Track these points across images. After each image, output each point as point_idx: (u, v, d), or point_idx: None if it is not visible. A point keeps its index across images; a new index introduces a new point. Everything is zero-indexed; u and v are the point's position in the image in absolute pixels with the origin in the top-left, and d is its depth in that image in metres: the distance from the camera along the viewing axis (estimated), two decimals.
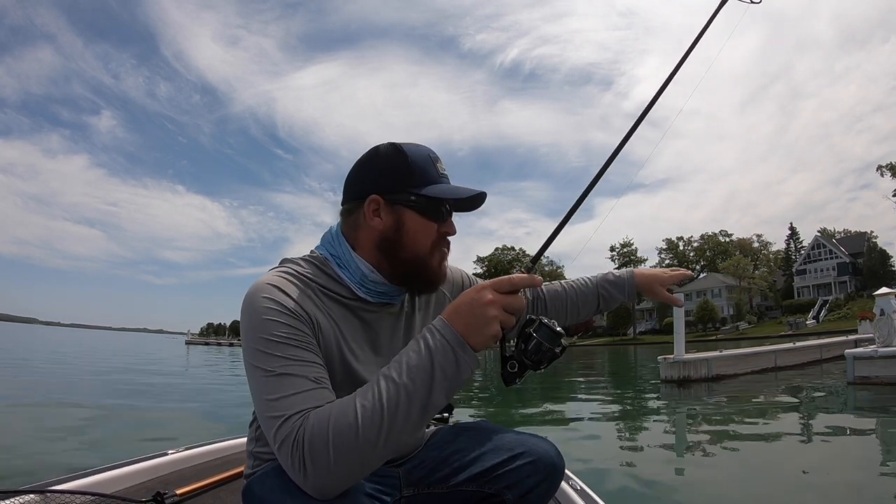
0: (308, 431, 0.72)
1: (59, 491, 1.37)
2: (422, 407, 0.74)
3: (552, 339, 0.82)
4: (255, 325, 0.83)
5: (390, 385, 0.74)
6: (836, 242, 62.14)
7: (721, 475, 4.14)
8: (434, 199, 0.95)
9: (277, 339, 0.82)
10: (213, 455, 1.95)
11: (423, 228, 0.95)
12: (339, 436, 0.71)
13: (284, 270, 0.93)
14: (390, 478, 1.04)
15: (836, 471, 4.10)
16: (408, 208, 0.94)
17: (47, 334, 73.39)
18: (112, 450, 4.63)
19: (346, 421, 0.72)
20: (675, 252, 74.90)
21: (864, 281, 54.36)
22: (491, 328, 0.76)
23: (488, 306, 0.76)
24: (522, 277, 0.79)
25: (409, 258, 0.95)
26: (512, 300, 0.78)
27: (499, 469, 1.05)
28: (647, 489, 3.71)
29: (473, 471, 1.06)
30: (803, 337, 28.46)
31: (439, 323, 0.78)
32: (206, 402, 9.14)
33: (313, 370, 0.82)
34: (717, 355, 12.51)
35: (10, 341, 34.95)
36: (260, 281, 0.90)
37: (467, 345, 0.76)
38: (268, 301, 0.85)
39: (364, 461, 0.73)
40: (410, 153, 0.96)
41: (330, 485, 0.73)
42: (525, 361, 0.83)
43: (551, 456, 1.08)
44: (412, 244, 0.95)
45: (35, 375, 12.41)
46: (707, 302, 60.79)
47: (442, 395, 0.75)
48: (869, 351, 10.02)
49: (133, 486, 1.59)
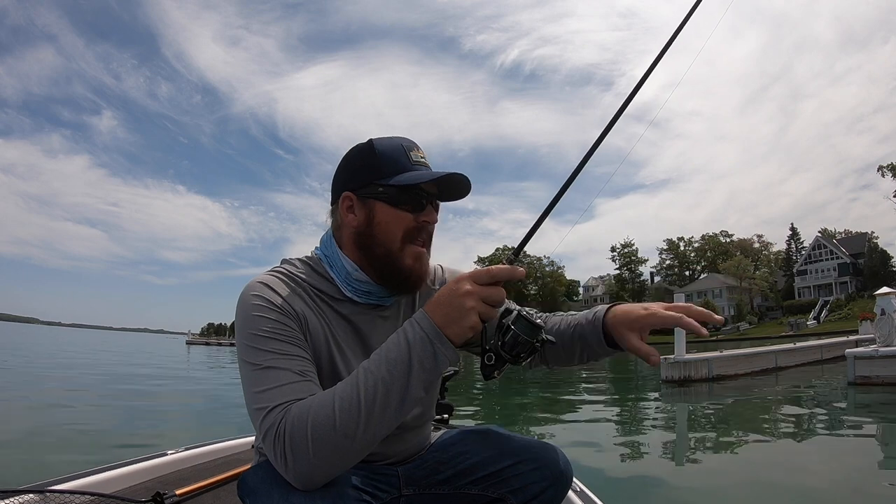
0: (289, 423, 0.73)
1: (58, 491, 1.37)
2: (400, 399, 0.75)
3: (530, 331, 0.80)
4: (244, 321, 0.85)
5: (368, 377, 0.75)
6: (836, 243, 62.11)
7: (722, 476, 4.13)
8: (405, 188, 0.93)
9: (264, 334, 0.83)
10: (213, 455, 1.95)
11: (394, 219, 0.94)
12: (317, 427, 0.72)
13: (277, 270, 0.95)
14: (388, 476, 1.03)
15: (838, 471, 4.09)
16: (378, 200, 0.94)
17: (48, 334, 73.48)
18: (112, 450, 4.63)
19: (325, 412, 0.73)
20: (675, 252, 74.86)
21: (864, 281, 54.33)
22: (469, 319, 0.76)
23: (466, 297, 0.76)
24: (502, 268, 0.78)
25: (383, 253, 0.95)
26: (491, 291, 0.77)
27: (503, 473, 1.04)
28: (647, 490, 3.70)
29: (477, 473, 1.05)
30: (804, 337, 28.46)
31: (419, 315, 0.79)
32: (207, 403, 9.15)
33: (298, 363, 0.83)
34: (717, 356, 12.51)
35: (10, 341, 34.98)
36: (252, 280, 0.92)
37: (446, 337, 0.76)
38: (256, 298, 0.87)
39: (343, 452, 0.74)
40: (379, 145, 0.95)
41: (311, 475, 0.74)
42: (502, 354, 0.80)
43: (558, 463, 1.07)
44: (383, 237, 0.94)
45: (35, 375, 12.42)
46: (708, 302, 60.69)
47: (420, 387, 0.76)
48: (870, 351, 10.02)
49: (133, 486, 1.59)
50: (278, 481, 0.76)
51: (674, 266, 75.06)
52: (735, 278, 61.69)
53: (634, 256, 70.05)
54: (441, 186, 0.97)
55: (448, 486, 1.06)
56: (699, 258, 74.05)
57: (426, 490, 1.06)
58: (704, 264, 72.99)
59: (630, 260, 69.72)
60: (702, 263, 73.66)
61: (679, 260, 74.60)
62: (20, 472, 3.74)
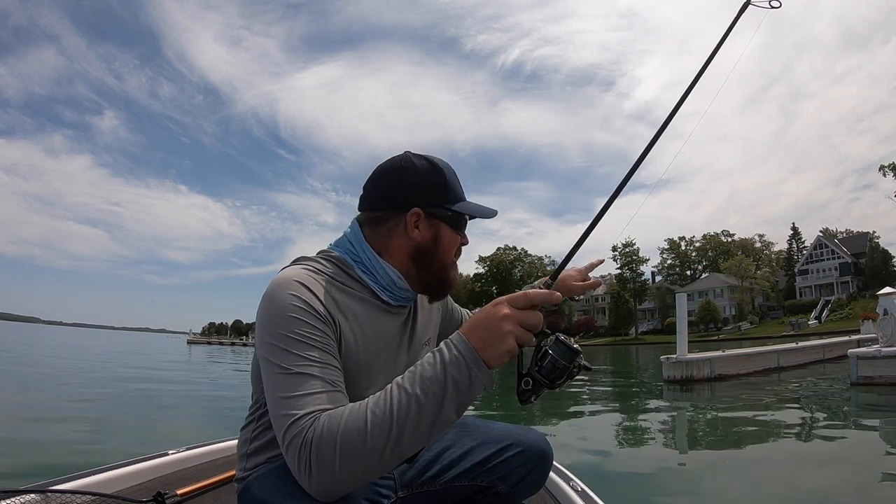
0: (317, 433, 0.72)
1: (59, 491, 1.36)
2: (431, 420, 0.73)
3: (568, 356, 0.78)
4: (276, 320, 0.83)
5: (402, 395, 0.73)
6: (838, 242, 62.01)
7: (724, 475, 4.12)
8: (465, 216, 1.02)
9: (298, 337, 0.81)
10: (214, 455, 1.95)
11: (452, 241, 1.02)
12: (347, 440, 0.71)
13: (310, 268, 0.93)
14: (386, 480, 1.05)
15: (840, 471, 4.08)
16: (443, 222, 1.00)
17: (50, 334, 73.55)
18: (113, 450, 4.63)
19: (356, 426, 0.72)
20: (677, 252, 74.77)
21: (866, 281, 54.26)
22: (506, 343, 0.75)
23: (503, 321, 0.75)
24: (539, 293, 0.77)
25: (439, 268, 1.01)
26: (528, 315, 0.76)
27: (490, 462, 1.08)
28: (649, 490, 3.69)
29: (465, 466, 1.09)
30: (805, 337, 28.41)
31: (456, 337, 0.77)
32: (207, 402, 9.15)
33: (330, 373, 0.81)
34: (719, 355, 12.48)
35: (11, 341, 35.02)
36: (285, 275, 0.89)
37: (482, 361, 0.75)
38: (293, 298, 0.84)
39: (369, 468, 0.73)
40: (445, 170, 1.01)
41: (333, 488, 0.73)
42: (540, 379, 0.79)
43: (540, 444, 1.12)
44: (444, 255, 1.01)
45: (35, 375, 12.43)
46: (709, 302, 60.72)
47: (453, 409, 0.74)
48: (872, 351, 9.99)
49: (134, 486, 1.58)
50: (291, 492, 0.75)
51: (675, 266, 74.99)
52: (736, 278, 61.58)
53: (636, 256, 69.86)
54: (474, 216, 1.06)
55: (438, 483, 1.09)
56: (700, 258, 73.96)
57: (418, 489, 1.09)
58: (706, 264, 72.91)
59: (631, 259, 69.55)
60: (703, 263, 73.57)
61: (680, 259, 74.51)
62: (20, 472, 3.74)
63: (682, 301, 12.00)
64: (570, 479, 1.56)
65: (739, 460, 4.67)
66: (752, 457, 4.77)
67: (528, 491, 1.12)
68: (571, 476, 1.60)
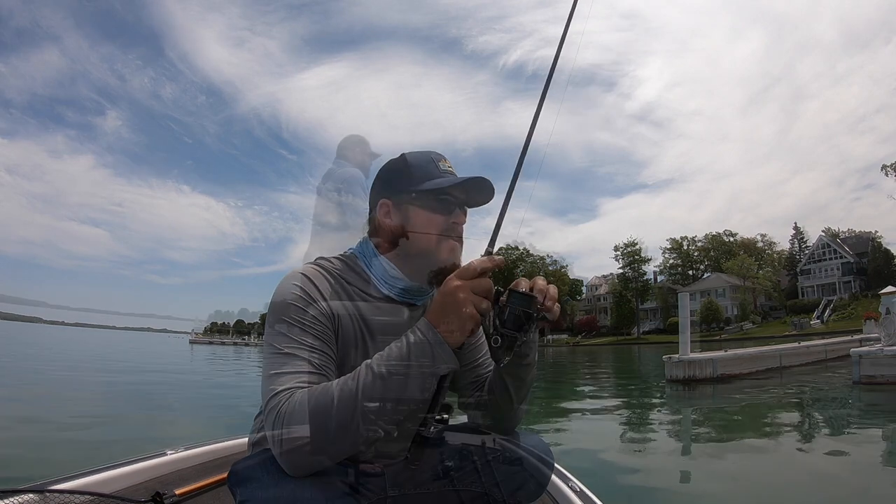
0: (290, 407, 0.78)
1: (58, 491, 1.36)
2: (396, 397, 0.79)
3: (525, 302, 0.84)
4: (279, 306, 0.91)
5: (369, 374, 0.80)
6: (840, 242, 61.79)
7: (726, 475, 4.11)
8: (435, 193, 1.02)
9: (293, 322, 0.89)
10: (213, 455, 1.94)
11: (427, 222, 1.02)
12: (315, 414, 0.77)
13: (317, 264, 1.02)
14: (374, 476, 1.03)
15: (843, 471, 4.07)
16: (412, 206, 1.02)
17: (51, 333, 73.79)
18: (111, 449, 4.63)
19: (325, 400, 0.78)
20: (679, 252, 74.61)
21: (868, 281, 54.03)
22: (465, 310, 0.81)
23: (456, 291, 0.82)
24: (482, 260, 0.86)
25: (418, 251, 1.02)
26: (478, 283, 0.83)
27: (486, 467, 1.07)
28: (650, 489, 3.68)
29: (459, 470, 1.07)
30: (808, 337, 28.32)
31: (422, 320, 0.85)
32: (207, 402, 9.16)
33: (318, 357, 0.88)
34: (722, 355, 12.46)
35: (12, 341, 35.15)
36: (293, 270, 0.99)
37: (444, 341, 0.82)
38: (295, 288, 0.93)
39: (335, 442, 0.78)
40: (411, 156, 1.05)
41: (300, 461, 0.78)
42: (507, 332, 0.84)
43: (540, 451, 1.10)
44: (419, 238, 1.02)
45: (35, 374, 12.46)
46: (711, 302, 60.56)
47: (417, 388, 0.81)
48: (874, 350, 9.98)
49: (132, 486, 1.58)
50: (269, 470, 0.80)
51: (677, 265, 74.80)
52: (739, 278, 61.42)
53: (638, 255, 69.73)
54: (468, 192, 1.05)
55: (432, 486, 1.07)
56: (703, 257, 73.74)
57: (411, 490, 1.07)
58: (708, 264, 72.69)
59: (634, 259, 69.41)
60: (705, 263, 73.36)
61: (683, 259, 74.32)
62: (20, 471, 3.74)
63: (684, 301, 12.00)
64: (570, 480, 1.56)
65: (741, 460, 4.65)
66: (754, 456, 4.75)
67: (528, 498, 1.10)
68: (571, 477, 1.59)
